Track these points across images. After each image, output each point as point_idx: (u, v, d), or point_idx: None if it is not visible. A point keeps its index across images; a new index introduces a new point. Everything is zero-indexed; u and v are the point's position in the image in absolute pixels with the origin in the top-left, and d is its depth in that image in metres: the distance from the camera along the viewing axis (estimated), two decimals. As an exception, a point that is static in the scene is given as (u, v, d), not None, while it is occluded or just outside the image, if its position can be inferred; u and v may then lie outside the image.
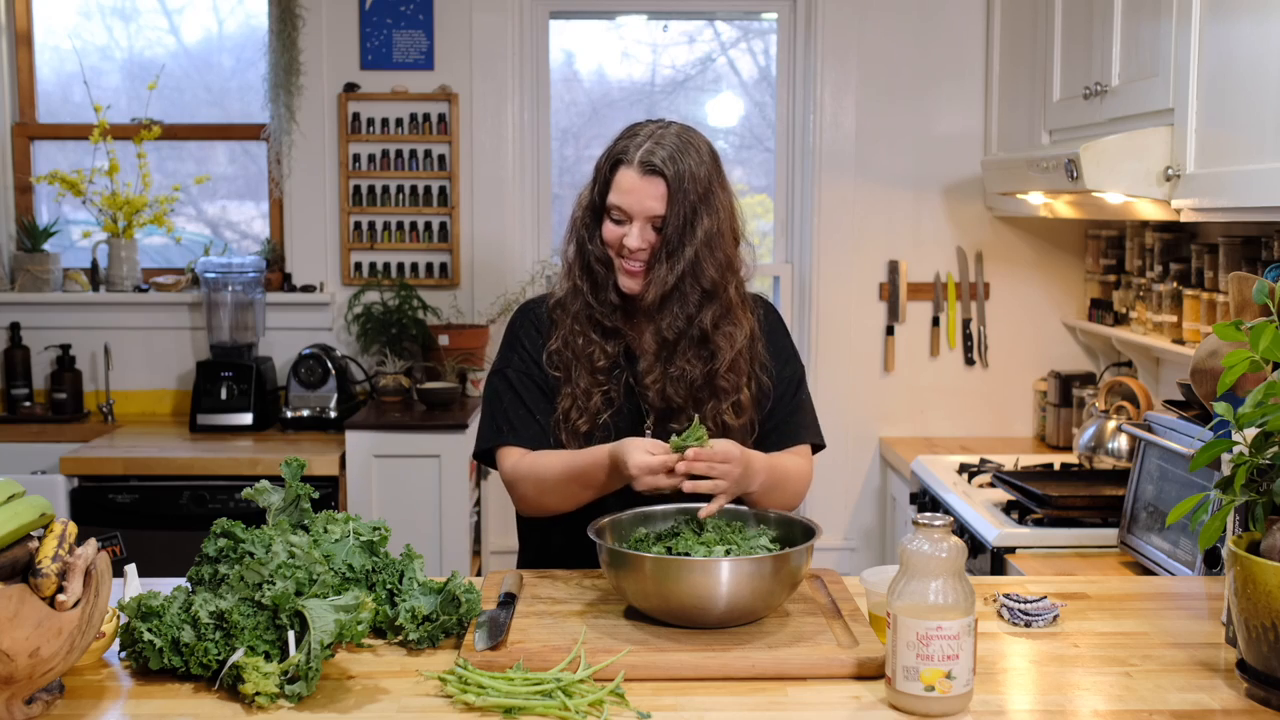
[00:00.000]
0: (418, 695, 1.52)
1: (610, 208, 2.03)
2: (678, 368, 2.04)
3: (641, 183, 2.00)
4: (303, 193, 4.14)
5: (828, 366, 4.09)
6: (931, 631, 1.43)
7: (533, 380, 2.11)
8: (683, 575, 1.66)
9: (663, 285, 2.01)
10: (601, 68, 4.33)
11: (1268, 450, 1.54)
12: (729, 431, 2.04)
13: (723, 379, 2.05)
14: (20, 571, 1.42)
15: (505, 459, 2.08)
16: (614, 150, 2.05)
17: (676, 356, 2.05)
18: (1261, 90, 2.26)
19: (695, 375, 2.04)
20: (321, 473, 3.60)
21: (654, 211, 2.00)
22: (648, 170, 2.00)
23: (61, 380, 4.09)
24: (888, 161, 4.08)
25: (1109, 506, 2.79)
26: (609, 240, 2.05)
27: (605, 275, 2.07)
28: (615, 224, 2.04)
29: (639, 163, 2.00)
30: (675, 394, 2.05)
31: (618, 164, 2.03)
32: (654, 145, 2.01)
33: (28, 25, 4.25)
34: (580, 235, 2.08)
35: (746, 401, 2.07)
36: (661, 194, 1.99)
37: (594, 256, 2.06)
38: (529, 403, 2.09)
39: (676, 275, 2.01)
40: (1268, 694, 1.49)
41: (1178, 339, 3.21)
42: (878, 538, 4.20)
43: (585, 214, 2.08)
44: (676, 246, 2.01)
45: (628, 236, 2.02)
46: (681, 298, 2.03)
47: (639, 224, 2.01)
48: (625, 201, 2.01)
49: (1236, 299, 2.01)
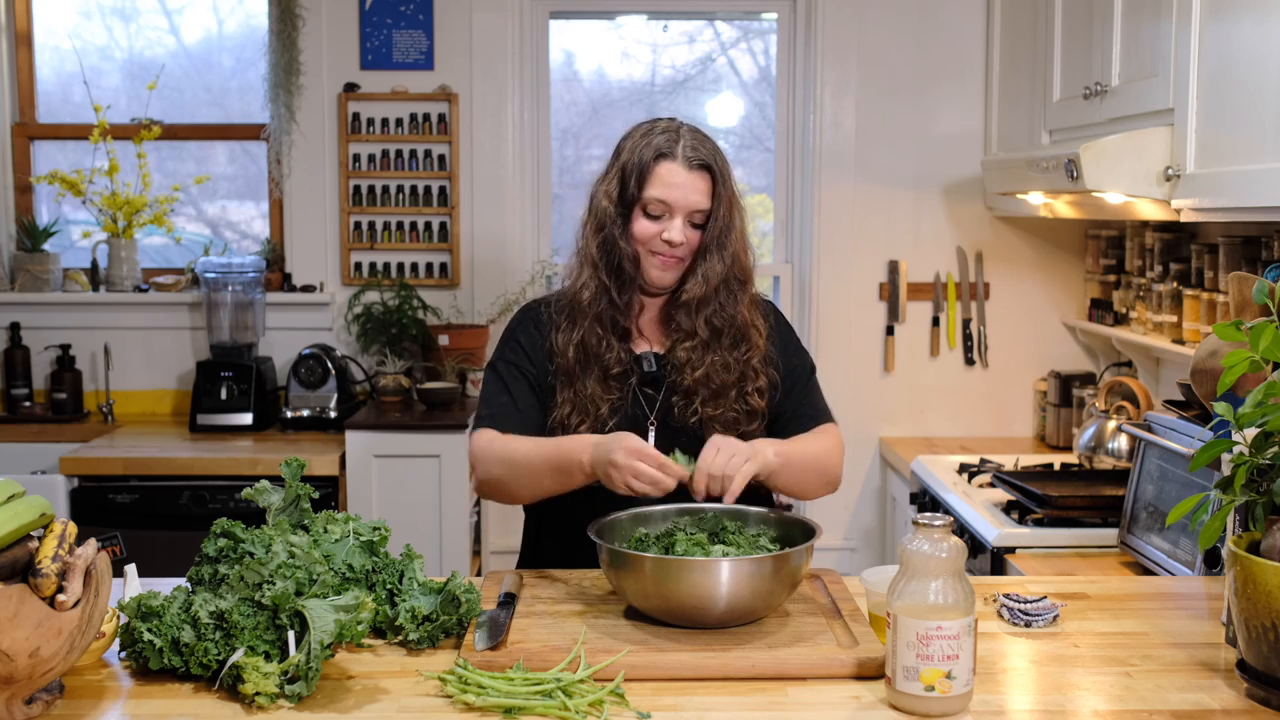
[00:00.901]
0: (418, 695, 1.52)
1: (649, 201, 2.04)
2: (720, 356, 2.08)
3: (689, 177, 2.03)
4: (303, 193, 4.14)
5: (828, 367, 4.08)
6: (931, 631, 1.43)
7: (521, 373, 2.12)
8: (683, 575, 1.66)
9: (716, 278, 2.05)
10: (601, 68, 4.33)
11: (1268, 450, 1.54)
12: (754, 415, 2.11)
13: (754, 366, 2.10)
14: (20, 571, 1.42)
15: (478, 440, 2.08)
16: (647, 147, 2.05)
17: (720, 345, 2.08)
18: (1261, 90, 2.26)
19: (734, 363, 2.09)
20: (321, 473, 3.60)
21: (698, 206, 2.04)
22: (695, 165, 2.03)
23: (61, 380, 4.09)
24: (888, 161, 4.08)
25: (1109, 506, 2.79)
26: (643, 236, 2.05)
27: (634, 274, 2.07)
28: (652, 219, 2.05)
29: (684, 157, 2.03)
30: (718, 380, 2.08)
31: (660, 158, 2.03)
32: (694, 141, 2.05)
33: (28, 25, 4.25)
34: (610, 233, 2.06)
35: (764, 389, 2.12)
36: (707, 189, 2.04)
37: (625, 255, 2.06)
38: (513, 392, 2.11)
39: (726, 266, 2.06)
40: (1268, 694, 1.49)
41: (1178, 339, 3.21)
42: (878, 538, 4.20)
43: (615, 209, 2.06)
44: (724, 241, 2.06)
45: (668, 231, 2.03)
46: (727, 289, 2.07)
47: (680, 219, 2.04)
48: (671, 195, 2.03)
49: (1236, 299, 2.01)
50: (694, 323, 2.07)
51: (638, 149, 2.05)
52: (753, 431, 2.10)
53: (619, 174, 2.07)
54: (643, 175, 2.03)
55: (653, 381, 2.12)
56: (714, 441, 1.90)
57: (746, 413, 2.10)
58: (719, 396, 2.07)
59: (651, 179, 2.03)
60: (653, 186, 2.03)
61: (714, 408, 2.07)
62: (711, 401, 2.07)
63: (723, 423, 2.07)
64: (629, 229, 2.05)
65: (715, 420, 2.07)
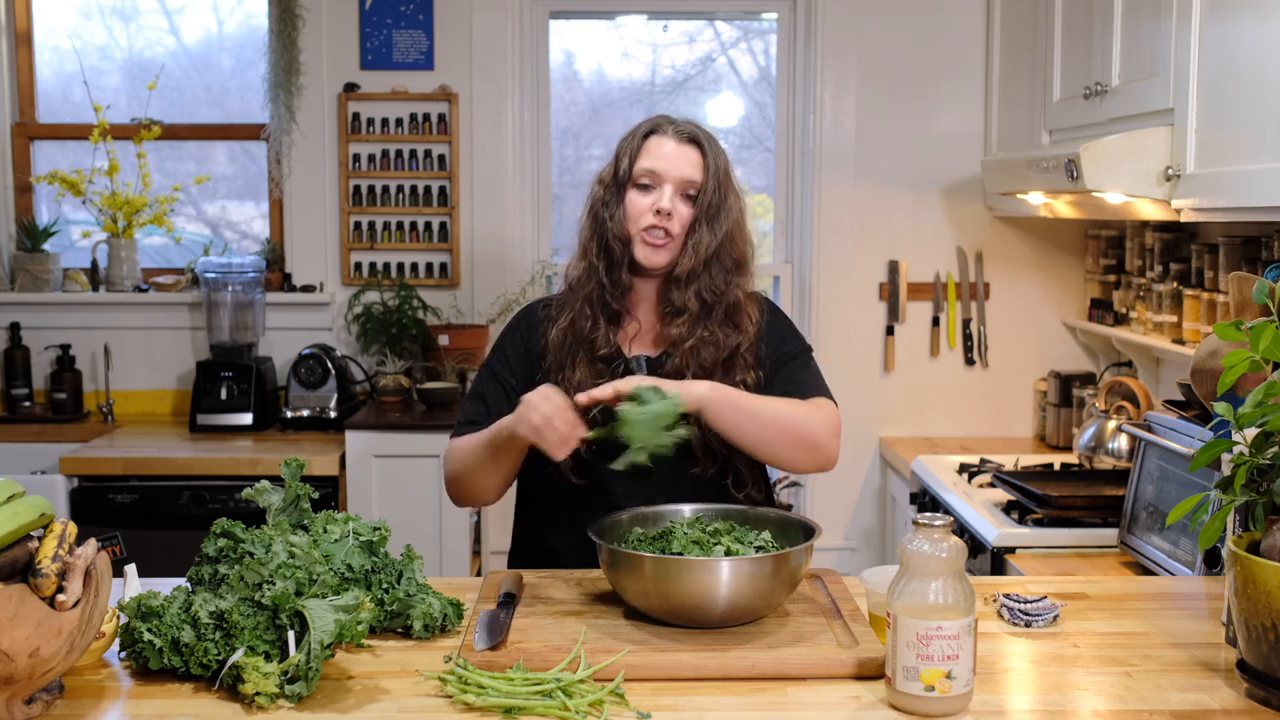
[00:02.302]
0: (418, 695, 1.52)
1: (640, 174, 2.06)
2: (710, 332, 2.08)
3: (678, 148, 2.07)
4: (303, 193, 4.14)
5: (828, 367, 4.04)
6: (931, 631, 1.43)
7: (499, 381, 2.15)
8: (683, 575, 1.66)
9: (705, 251, 2.05)
10: (601, 68, 4.33)
11: (1268, 450, 1.54)
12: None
13: (744, 355, 2.10)
14: (20, 571, 1.42)
15: (447, 447, 2.14)
16: (640, 127, 2.10)
17: (711, 321, 2.08)
18: (1261, 90, 2.26)
19: (724, 343, 2.08)
20: (321, 473, 3.60)
21: (689, 176, 2.06)
22: (685, 138, 2.07)
23: (61, 380, 4.09)
24: (888, 161, 4.08)
25: (1109, 506, 2.79)
26: (633, 211, 2.06)
27: (622, 253, 2.08)
28: (643, 190, 2.06)
29: (674, 131, 2.08)
30: (707, 357, 2.07)
31: (650, 133, 2.08)
32: (683, 120, 2.11)
33: (28, 25, 4.25)
34: (599, 214, 2.10)
35: (752, 384, 2.11)
36: (697, 162, 2.06)
37: (613, 233, 2.07)
38: (489, 401, 2.14)
39: (717, 241, 2.06)
40: (1268, 694, 1.49)
41: (1178, 339, 3.21)
42: (878, 538, 4.20)
43: (606, 192, 2.10)
44: (716, 214, 2.06)
45: (660, 200, 2.04)
46: (720, 266, 2.08)
47: (670, 188, 2.05)
48: (660, 165, 2.05)
49: (1236, 299, 2.01)
50: (684, 297, 2.07)
51: (631, 133, 2.12)
52: None
53: (613, 159, 2.12)
54: (634, 153, 2.08)
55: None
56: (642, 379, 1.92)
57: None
58: (708, 376, 2.06)
59: (641, 153, 2.08)
60: (643, 158, 2.07)
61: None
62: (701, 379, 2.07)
63: None
64: (621, 208, 2.07)
65: None
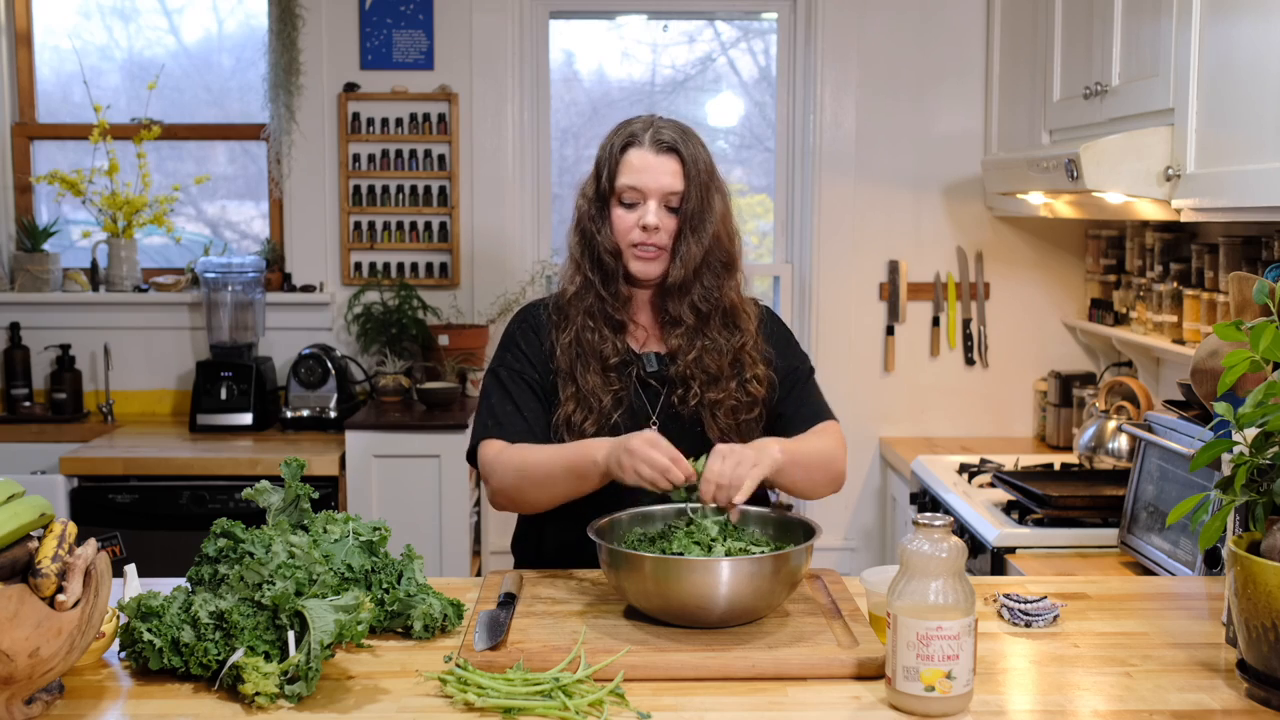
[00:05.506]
0: (418, 695, 1.52)
1: (622, 190, 2.05)
2: (711, 339, 2.08)
3: (656, 160, 2.04)
4: (303, 193, 4.14)
5: (828, 366, 4.09)
6: (931, 631, 1.43)
7: (524, 379, 2.11)
8: (683, 575, 1.66)
9: (693, 261, 2.04)
10: (601, 68, 4.33)
11: (1268, 450, 1.54)
12: (754, 403, 2.10)
13: (748, 353, 2.10)
14: (20, 571, 1.42)
15: (486, 450, 2.07)
16: (616, 138, 2.07)
17: (709, 329, 2.08)
18: (1261, 90, 2.26)
19: (726, 347, 2.08)
20: (321, 473, 3.60)
21: (670, 188, 2.04)
22: (662, 148, 2.04)
23: (61, 380, 4.09)
24: (888, 161, 4.08)
25: (1109, 506, 2.79)
26: (620, 228, 2.05)
27: (615, 266, 2.07)
28: (627, 208, 2.05)
29: (651, 142, 2.05)
30: (711, 364, 2.07)
31: (627, 146, 2.06)
32: (659, 127, 2.07)
33: (28, 25, 4.25)
34: (587, 229, 2.09)
35: (763, 378, 2.10)
36: (677, 170, 2.04)
37: (603, 248, 2.07)
38: (517, 400, 2.10)
39: (704, 249, 2.05)
40: (1268, 694, 1.49)
41: (1178, 339, 3.21)
42: (878, 538, 4.20)
43: (591, 206, 2.09)
44: (700, 222, 2.05)
45: (645, 216, 2.03)
46: (710, 271, 2.07)
47: (654, 202, 2.04)
48: (640, 180, 2.03)
49: (1236, 299, 2.01)
50: (679, 309, 2.08)
51: (609, 144, 2.09)
52: (753, 419, 2.10)
53: (594, 171, 2.10)
54: (614, 167, 2.06)
55: (655, 379, 2.11)
56: (719, 450, 1.87)
57: (747, 401, 2.09)
58: (716, 382, 2.06)
59: (621, 168, 2.05)
60: (623, 175, 2.05)
61: (714, 393, 2.07)
62: (711, 387, 2.07)
63: (724, 409, 2.07)
64: (608, 224, 2.06)
65: (716, 406, 2.07)
